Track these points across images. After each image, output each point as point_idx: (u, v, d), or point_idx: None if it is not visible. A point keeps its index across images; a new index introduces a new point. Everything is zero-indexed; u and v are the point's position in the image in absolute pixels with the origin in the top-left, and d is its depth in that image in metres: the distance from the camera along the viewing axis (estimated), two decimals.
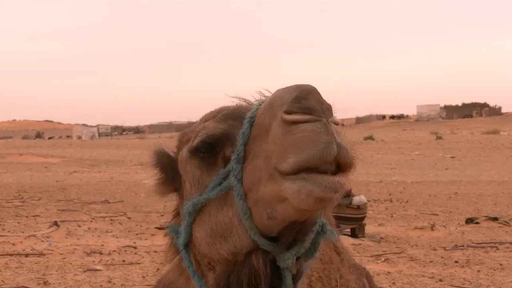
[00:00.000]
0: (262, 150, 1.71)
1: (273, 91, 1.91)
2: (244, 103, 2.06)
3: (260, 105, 1.81)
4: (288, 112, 1.64)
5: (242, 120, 1.82)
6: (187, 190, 1.97)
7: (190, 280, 1.99)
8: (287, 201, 1.65)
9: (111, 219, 13.84)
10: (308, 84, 1.69)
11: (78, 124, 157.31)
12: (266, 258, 1.77)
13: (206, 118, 2.02)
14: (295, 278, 1.82)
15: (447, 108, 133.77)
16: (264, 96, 2.09)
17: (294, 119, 1.63)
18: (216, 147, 1.88)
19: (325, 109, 1.65)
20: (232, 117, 1.90)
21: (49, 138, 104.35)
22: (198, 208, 1.87)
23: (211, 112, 2.03)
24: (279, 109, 1.67)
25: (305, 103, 1.64)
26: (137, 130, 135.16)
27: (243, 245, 1.77)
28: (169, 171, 2.06)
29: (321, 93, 1.70)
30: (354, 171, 1.69)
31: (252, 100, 2.08)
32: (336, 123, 1.66)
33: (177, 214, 2.12)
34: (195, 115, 2.03)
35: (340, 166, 1.64)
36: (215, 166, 1.87)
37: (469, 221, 13.86)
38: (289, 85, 1.72)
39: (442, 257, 10.14)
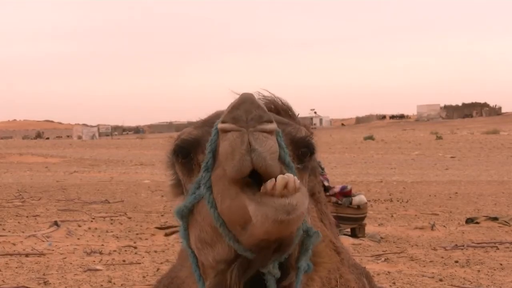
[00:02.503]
0: None
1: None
2: None
3: None
4: (222, 121, 1.64)
5: None
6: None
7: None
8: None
9: (111, 219, 13.84)
10: (247, 94, 1.66)
11: (78, 124, 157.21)
12: (242, 268, 1.72)
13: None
14: (283, 279, 1.76)
15: (447, 108, 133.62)
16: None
17: (221, 128, 1.63)
18: (190, 153, 1.86)
19: (250, 119, 1.61)
20: (210, 123, 1.84)
21: (47, 138, 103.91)
22: (185, 214, 1.83)
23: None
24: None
25: (233, 113, 1.62)
26: (137, 130, 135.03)
27: (224, 253, 1.74)
28: None
29: (258, 103, 1.64)
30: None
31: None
32: (265, 131, 1.61)
33: None
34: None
35: (261, 174, 1.60)
36: (193, 173, 1.85)
37: (469, 221, 13.85)
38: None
39: (442, 257, 10.14)
